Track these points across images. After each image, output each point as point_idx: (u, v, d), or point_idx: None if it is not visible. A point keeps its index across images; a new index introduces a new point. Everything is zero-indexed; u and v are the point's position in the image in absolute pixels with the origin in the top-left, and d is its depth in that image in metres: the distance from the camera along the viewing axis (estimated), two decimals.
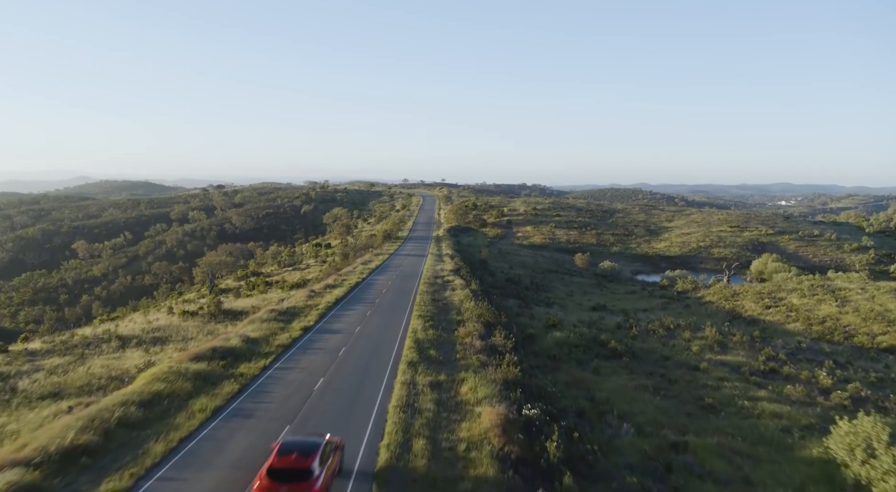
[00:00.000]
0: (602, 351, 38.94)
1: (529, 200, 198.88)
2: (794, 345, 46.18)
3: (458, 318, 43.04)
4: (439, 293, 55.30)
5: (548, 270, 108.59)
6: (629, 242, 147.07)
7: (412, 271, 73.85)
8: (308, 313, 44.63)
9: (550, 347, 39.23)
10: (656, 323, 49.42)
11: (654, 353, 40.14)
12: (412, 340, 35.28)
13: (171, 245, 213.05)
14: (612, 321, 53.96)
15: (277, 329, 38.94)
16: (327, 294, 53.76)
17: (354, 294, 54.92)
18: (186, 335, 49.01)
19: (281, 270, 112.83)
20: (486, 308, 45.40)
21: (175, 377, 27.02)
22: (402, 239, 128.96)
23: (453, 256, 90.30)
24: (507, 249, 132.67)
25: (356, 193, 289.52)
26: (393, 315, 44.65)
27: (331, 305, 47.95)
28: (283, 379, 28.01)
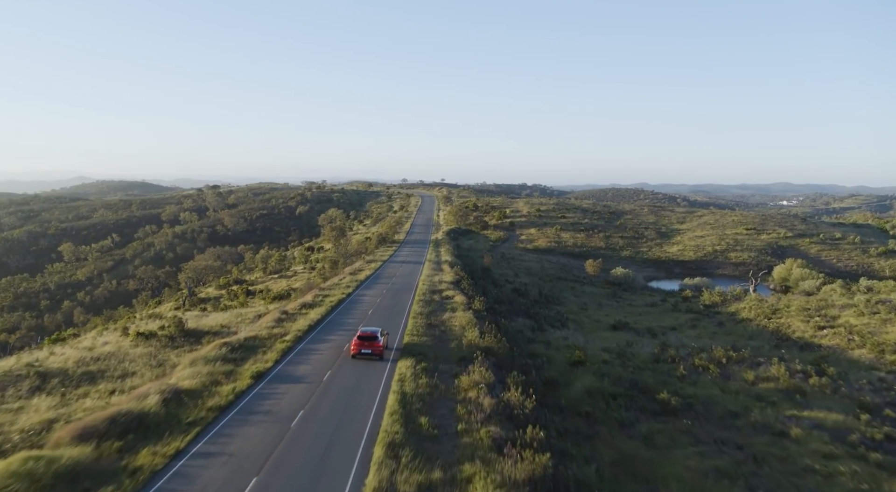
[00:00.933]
0: (649, 404, 29.30)
1: (532, 201, 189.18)
2: (875, 381, 36.60)
3: (459, 354, 33.42)
4: (436, 315, 45.68)
5: (556, 278, 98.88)
6: (640, 245, 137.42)
7: (406, 283, 64.26)
8: (269, 348, 34.93)
9: (580, 398, 29.55)
10: (703, 356, 39.71)
11: (714, 403, 30.48)
12: (397, 397, 25.64)
13: (160, 248, 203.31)
14: (646, 352, 44.25)
15: (222, 375, 29.24)
16: (301, 317, 44.08)
17: (334, 317, 45.20)
18: (127, 370, 39.49)
19: (266, 278, 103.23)
20: (493, 338, 35.73)
21: (28, 485, 17.39)
22: (398, 243, 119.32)
23: (453, 264, 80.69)
24: (510, 253, 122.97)
25: (353, 194, 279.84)
26: None
27: (301, 335, 38.22)
28: (196, 481, 18.33)
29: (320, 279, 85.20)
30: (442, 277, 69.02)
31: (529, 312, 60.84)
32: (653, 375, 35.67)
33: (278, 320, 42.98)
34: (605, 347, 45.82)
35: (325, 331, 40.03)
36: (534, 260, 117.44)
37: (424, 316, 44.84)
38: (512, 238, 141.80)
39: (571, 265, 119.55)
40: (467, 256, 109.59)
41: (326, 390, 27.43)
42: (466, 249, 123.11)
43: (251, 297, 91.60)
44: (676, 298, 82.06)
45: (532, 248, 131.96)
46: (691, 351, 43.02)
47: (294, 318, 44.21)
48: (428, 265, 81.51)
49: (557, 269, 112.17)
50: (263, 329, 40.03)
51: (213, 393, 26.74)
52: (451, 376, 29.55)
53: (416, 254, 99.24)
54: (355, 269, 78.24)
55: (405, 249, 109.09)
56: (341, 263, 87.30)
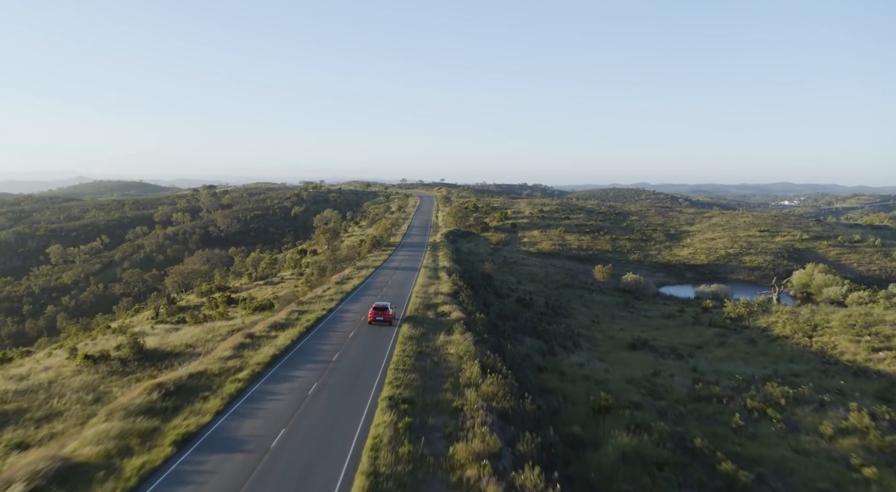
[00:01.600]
0: (709, 477, 21.76)
1: (535, 202, 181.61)
2: None
3: (454, 402, 25.87)
4: (429, 338, 38.13)
5: (563, 285, 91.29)
6: (648, 248, 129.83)
7: (398, 295, 56.73)
8: (215, 391, 27.39)
9: (614, 468, 21.99)
10: (755, 395, 32.09)
11: (791, 473, 22.94)
12: (368, 477, 18.27)
13: (151, 250, 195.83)
14: (679, 384, 36.65)
15: (137, 439, 21.70)
16: (266, 343, 36.52)
17: (306, 343, 37.59)
18: (54, 409, 32.39)
19: (251, 284, 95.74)
20: (498, 381, 28.14)
21: None
22: (393, 246, 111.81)
23: (451, 271, 73.20)
24: (512, 257, 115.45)
25: (351, 194, 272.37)
26: (351, 393, 27.48)
27: (260, 370, 30.65)
28: None
29: (306, 288, 77.79)
30: (438, 287, 61.45)
31: (537, 330, 53.26)
32: (699, 424, 28.10)
33: (238, 347, 35.39)
34: (629, 378, 38.27)
35: (290, 364, 32.39)
36: (537, 265, 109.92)
37: (415, 341, 37.27)
38: (514, 240, 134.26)
39: (577, 270, 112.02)
40: (467, 260, 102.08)
41: (271, 464, 19.85)
42: (466, 252, 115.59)
43: (233, 306, 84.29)
44: (695, 309, 74.52)
45: (535, 251, 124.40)
46: (737, 385, 35.46)
47: (258, 344, 36.63)
48: (424, 272, 74.04)
49: (563, 274, 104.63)
50: (216, 361, 32.42)
51: (114, 471, 19.22)
52: (444, 437, 22.03)
53: (412, 259, 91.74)
54: (343, 277, 70.69)
55: (401, 253, 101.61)
56: (329, 270, 79.80)
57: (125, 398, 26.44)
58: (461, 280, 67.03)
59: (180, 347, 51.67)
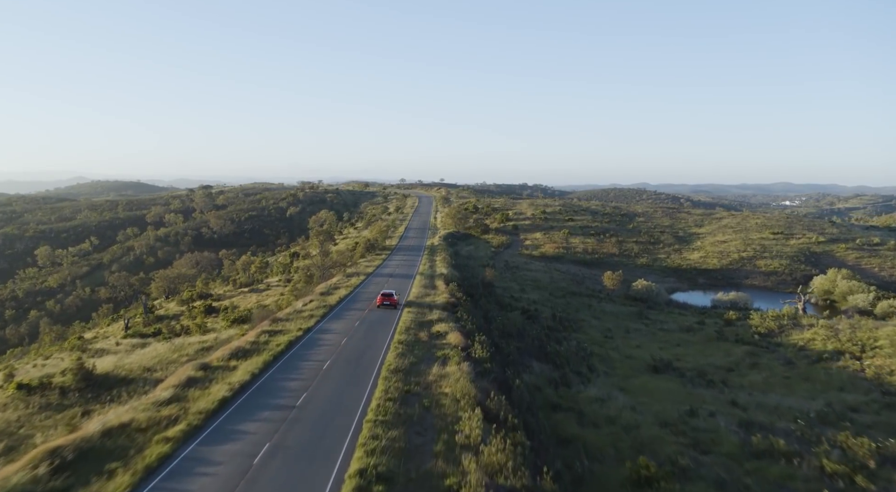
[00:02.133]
0: None
1: (537, 203, 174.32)
2: None
3: (447, 477, 19.10)
4: (420, 372, 31.27)
5: (569, 293, 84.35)
6: (657, 251, 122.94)
7: (388, 310, 49.90)
8: (131, 459, 20.39)
9: None
10: (832, 454, 25.21)
11: None
12: None
13: (141, 252, 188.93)
14: (725, 431, 29.69)
15: None
16: (220, 380, 29.59)
17: (270, 377, 30.63)
18: None
19: (236, 292, 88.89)
20: (505, 446, 21.22)
21: None
22: (389, 250, 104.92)
23: (449, 279, 66.36)
24: (514, 261, 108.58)
25: (348, 194, 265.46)
26: (311, 463, 20.52)
27: (200, 423, 23.70)
28: None
29: (291, 297, 70.95)
30: (434, 298, 54.54)
31: (546, 350, 46.35)
32: None
33: (185, 385, 28.46)
34: (662, 419, 31.38)
35: (241, 412, 25.36)
36: (541, 269, 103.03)
37: (402, 375, 30.35)
38: (515, 243, 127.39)
39: (583, 275, 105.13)
40: (466, 265, 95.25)
41: None
42: (465, 256, 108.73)
43: (213, 315, 77.63)
44: (716, 321, 67.57)
45: (538, 255, 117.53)
46: (797, 430, 28.57)
47: (211, 379, 29.71)
48: (419, 280, 67.16)
49: (569, 280, 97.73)
50: (148, 407, 25.41)
51: None
52: None
53: (408, 264, 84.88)
54: (330, 286, 63.73)
55: (396, 257, 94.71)
56: (317, 278, 72.88)
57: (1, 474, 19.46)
58: (460, 290, 60.18)
59: (137, 371, 44.88)
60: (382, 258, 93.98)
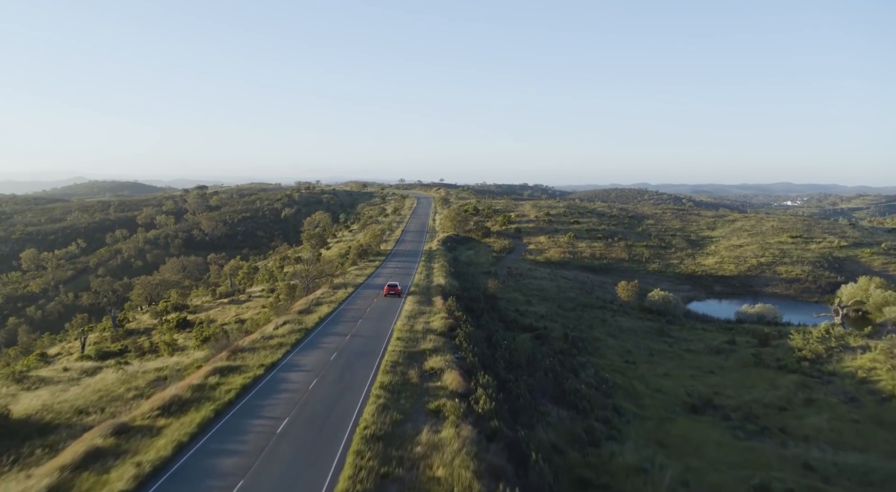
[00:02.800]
0: None
1: (540, 204, 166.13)
2: None
3: None
4: (404, 437, 23.22)
5: (580, 305, 76.24)
6: (669, 256, 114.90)
7: (372, 336, 41.85)
8: None
9: None
10: None
11: None
12: None
13: (129, 255, 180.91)
14: None
15: None
16: (132, 455, 21.46)
17: (200, 450, 22.55)
18: None
19: (215, 302, 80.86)
20: None
21: None
22: (383, 256, 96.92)
23: (447, 292, 58.40)
24: (518, 267, 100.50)
25: (345, 195, 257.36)
26: None
27: None
28: None
29: (271, 312, 62.94)
30: (429, 320, 46.48)
31: (562, 388, 38.28)
32: None
33: (73, 468, 20.44)
34: None
35: None
36: (547, 277, 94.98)
37: (381, 445, 22.32)
38: (518, 248, 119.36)
39: (592, 283, 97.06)
40: (466, 273, 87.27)
41: None
42: (465, 262, 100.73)
43: (187, 330, 69.79)
44: (747, 339, 59.53)
45: (543, 260, 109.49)
46: None
47: (117, 456, 21.55)
48: (414, 293, 59.23)
49: (577, 289, 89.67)
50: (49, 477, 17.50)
51: None
52: None
53: (402, 273, 76.85)
54: (312, 302, 55.61)
55: (390, 264, 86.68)
56: (300, 290, 64.74)
57: None
58: (459, 307, 52.17)
59: (66, 414, 36.94)
60: (376, 265, 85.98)
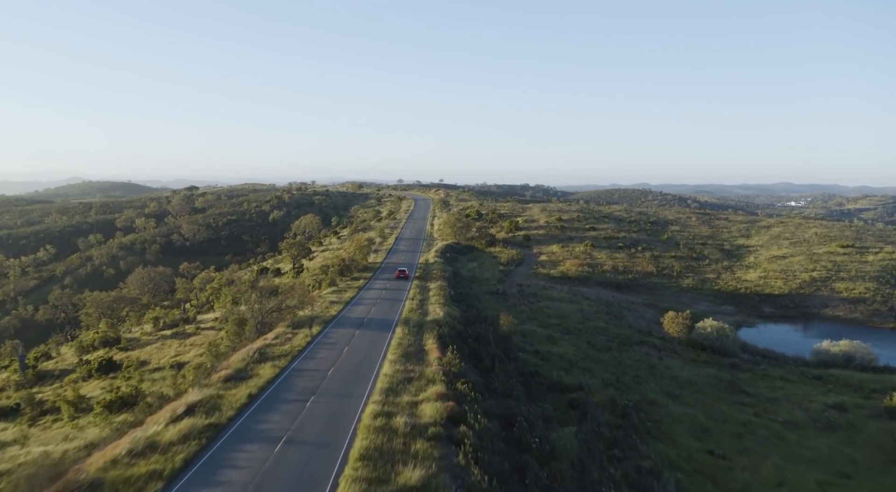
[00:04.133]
0: None
1: (550, 208, 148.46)
2: None
3: None
4: None
5: (616, 341, 59.21)
6: (703, 269, 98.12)
7: (326, 429, 25.23)
8: None
9: None
10: None
11: None
12: None
13: (101, 262, 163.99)
14: None
15: None
16: None
17: None
18: None
19: (154, 335, 63.96)
20: None
21: None
22: (371, 272, 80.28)
23: (445, 335, 41.83)
24: (530, 284, 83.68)
25: (339, 197, 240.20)
26: None
27: None
28: None
29: (210, 358, 46.19)
30: (417, 398, 29.57)
31: None
32: None
33: None
34: None
35: None
36: (566, 297, 78.16)
37: None
38: (528, 259, 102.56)
39: (619, 304, 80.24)
40: (469, 293, 70.62)
41: None
42: (468, 278, 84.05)
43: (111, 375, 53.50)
44: (859, 402, 42.80)
45: (558, 274, 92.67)
46: None
47: None
48: (401, 335, 42.46)
49: (604, 313, 72.88)
50: None
51: None
52: None
53: (390, 299, 60.18)
54: (252, 356, 38.70)
55: (376, 285, 69.97)
56: (250, 329, 47.86)
57: None
58: (461, 366, 35.51)
59: None
60: (359, 286, 69.27)
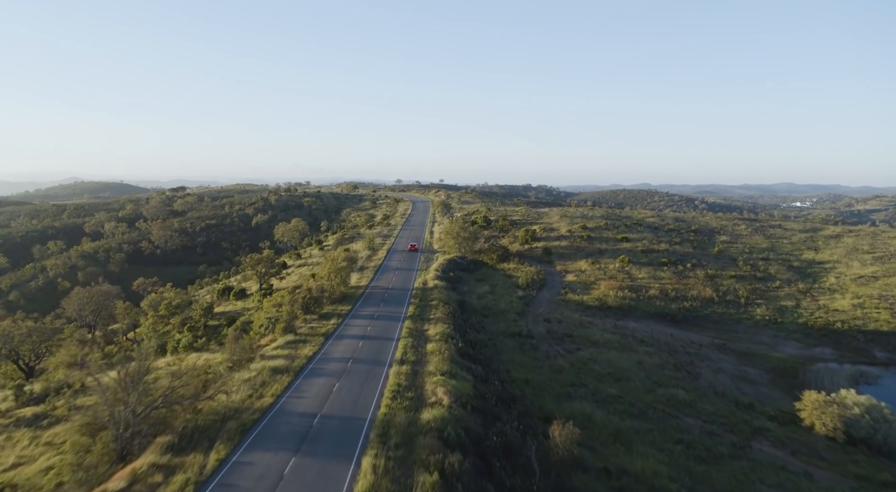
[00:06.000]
0: None
1: (570, 213, 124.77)
2: None
3: None
4: None
5: (723, 437, 36.80)
6: (773, 293, 75.96)
7: None
8: None
9: None
10: None
11: None
12: None
13: (56, 273, 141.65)
14: None
15: None
16: None
17: None
18: None
19: (7, 421, 41.70)
20: None
21: None
22: (349, 303, 58.20)
23: (454, 459, 19.92)
24: (562, 319, 61.31)
25: (331, 199, 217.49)
26: None
27: None
28: None
29: None
30: None
31: None
32: None
33: None
34: None
35: None
36: (614, 341, 55.80)
37: None
38: (552, 279, 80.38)
39: (685, 349, 57.85)
40: (486, 343, 48.50)
41: None
42: (480, 310, 61.91)
43: None
44: None
45: (594, 302, 70.40)
46: None
47: None
48: (371, 477, 20.54)
49: (671, 367, 50.52)
50: None
51: None
52: None
53: (367, 364, 38.12)
54: None
55: (351, 330, 47.83)
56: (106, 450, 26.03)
57: None
58: None
59: None
60: (326, 332, 47.18)
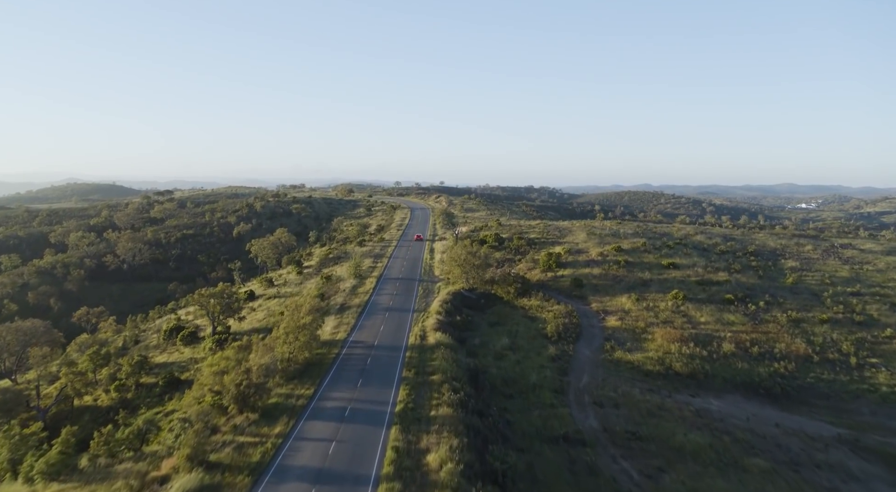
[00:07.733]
0: None
1: (596, 228, 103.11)
2: None
3: None
4: None
5: None
6: (885, 345, 56.48)
7: None
8: None
9: None
10: None
11: None
12: None
13: (4, 293, 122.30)
14: None
15: None
16: None
17: None
18: None
19: None
20: None
21: None
22: (317, 374, 38.87)
23: None
24: (618, 401, 41.41)
25: (322, 205, 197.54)
26: None
27: None
28: None
29: None
30: None
31: None
32: None
33: None
34: None
35: None
36: (702, 444, 36.23)
37: None
38: (587, 321, 60.76)
39: (810, 457, 38.25)
40: (514, 467, 28.86)
41: None
42: (501, 382, 42.29)
43: None
44: None
45: (652, 365, 50.76)
46: None
47: None
48: None
49: None
50: None
51: None
52: None
53: None
54: None
55: (309, 439, 28.46)
56: None
57: None
58: None
59: None
60: (260, 460, 27.85)
